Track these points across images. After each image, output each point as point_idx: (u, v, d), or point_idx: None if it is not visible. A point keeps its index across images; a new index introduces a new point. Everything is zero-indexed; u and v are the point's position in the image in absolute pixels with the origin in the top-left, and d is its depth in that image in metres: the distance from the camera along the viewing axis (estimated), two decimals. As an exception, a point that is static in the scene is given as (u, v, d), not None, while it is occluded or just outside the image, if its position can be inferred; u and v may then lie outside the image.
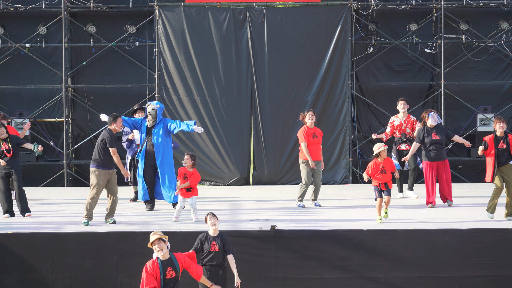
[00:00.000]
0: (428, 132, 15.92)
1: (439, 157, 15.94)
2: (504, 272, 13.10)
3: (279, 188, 19.57)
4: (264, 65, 20.34)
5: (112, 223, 14.11)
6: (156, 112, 15.79)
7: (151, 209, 15.83)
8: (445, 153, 16.12)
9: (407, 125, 17.00)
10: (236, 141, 20.38)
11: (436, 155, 15.91)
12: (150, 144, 15.75)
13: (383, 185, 14.08)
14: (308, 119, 16.23)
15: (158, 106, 15.90)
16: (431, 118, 15.98)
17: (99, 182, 14.15)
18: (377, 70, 21.45)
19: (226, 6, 20.36)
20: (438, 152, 15.93)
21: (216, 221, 11.97)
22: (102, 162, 14.19)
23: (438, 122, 16.04)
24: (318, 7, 20.48)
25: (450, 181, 16.01)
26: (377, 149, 14.18)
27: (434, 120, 15.99)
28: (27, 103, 21.23)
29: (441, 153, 15.98)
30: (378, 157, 14.14)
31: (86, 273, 13.03)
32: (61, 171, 20.76)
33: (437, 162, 15.92)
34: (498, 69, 21.48)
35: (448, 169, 16.03)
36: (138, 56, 21.12)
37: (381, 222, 13.92)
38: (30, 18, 21.07)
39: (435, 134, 15.92)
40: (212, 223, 11.95)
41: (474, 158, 20.89)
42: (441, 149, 15.98)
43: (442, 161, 15.96)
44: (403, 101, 17.27)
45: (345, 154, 20.40)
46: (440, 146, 15.95)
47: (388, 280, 13.06)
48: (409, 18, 21.00)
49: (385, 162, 14.11)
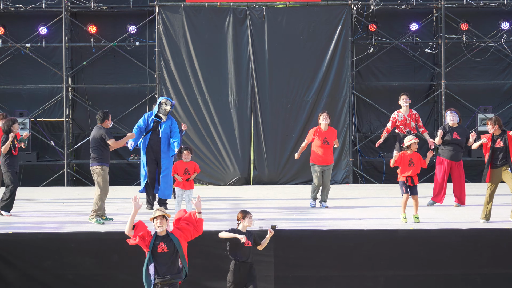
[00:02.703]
0: (449, 130, 15.94)
1: (455, 157, 15.95)
2: (503, 270, 13.11)
3: (279, 188, 19.59)
4: (265, 65, 20.35)
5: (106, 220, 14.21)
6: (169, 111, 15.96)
7: (151, 209, 15.84)
8: (461, 155, 16.09)
9: (411, 119, 16.91)
10: (236, 141, 20.39)
11: (453, 155, 15.94)
12: (156, 139, 15.76)
13: (410, 179, 14.04)
14: (322, 121, 15.95)
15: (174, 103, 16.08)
16: (448, 117, 16.05)
17: (107, 178, 14.23)
18: (378, 70, 21.47)
19: (226, 6, 20.37)
20: (455, 152, 15.94)
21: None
22: (105, 158, 14.28)
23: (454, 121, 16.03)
24: (318, 7, 20.49)
25: (463, 182, 16.01)
26: (408, 141, 14.16)
27: (451, 119, 16.02)
28: (28, 103, 21.24)
29: (458, 154, 15.98)
30: (407, 150, 14.13)
31: (87, 270, 13.06)
32: (61, 171, 20.77)
33: (451, 162, 15.94)
34: (499, 69, 21.49)
35: (462, 171, 16.03)
36: (138, 56, 21.14)
37: (406, 222, 13.89)
38: (30, 18, 21.08)
39: (456, 134, 15.93)
40: (250, 221, 11.86)
41: (475, 158, 20.90)
42: (459, 151, 15.98)
43: (457, 162, 15.99)
44: (405, 96, 17.13)
45: (345, 154, 20.40)
46: (459, 148, 15.95)
47: (387, 279, 13.08)
48: (409, 18, 21.01)
49: (413, 155, 14.09)
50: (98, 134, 14.32)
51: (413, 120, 16.76)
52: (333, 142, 15.99)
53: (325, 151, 15.96)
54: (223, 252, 13.03)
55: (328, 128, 16.02)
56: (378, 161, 21.21)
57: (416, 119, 16.76)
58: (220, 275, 13.04)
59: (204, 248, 12.96)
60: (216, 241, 13.04)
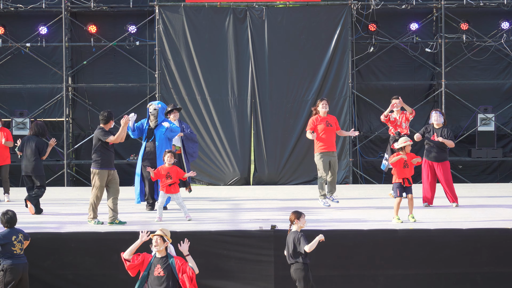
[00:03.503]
0: (431, 131, 15.88)
1: (438, 158, 15.86)
2: (503, 269, 13.11)
3: (279, 188, 19.58)
4: (265, 65, 20.35)
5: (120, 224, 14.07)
6: (157, 112, 15.76)
7: (151, 209, 15.83)
8: (446, 155, 16.02)
9: (402, 121, 16.88)
10: (236, 141, 20.39)
11: (435, 156, 15.85)
12: (152, 145, 15.70)
13: (406, 181, 14.03)
14: (321, 108, 15.77)
15: (159, 106, 15.85)
16: (432, 117, 15.97)
17: (102, 183, 14.08)
18: (378, 69, 21.47)
19: (226, 6, 20.38)
20: (436, 154, 15.86)
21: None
22: (103, 163, 14.09)
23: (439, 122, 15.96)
24: (318, 7, 20.48)
25: (450, 182, 15.93)
26: (402, 142, 14.15)
27: (435, 120, 15.94)
28: (28, 103, 21.24)
29: (441, 154, 15.89)
30: (401, 151, 14.11)
31: (87, 270, 13.05)
32: (61, 171, 20.77)
33: (435, 163, 15.86)
34: (499, 69, 21.49)
35: (448, 171, 15.92)
36: (138, 56, 21.14)
37: (402, 222, 13.88)
38: (30, 17, 21.09)
39: (435, 136, 15.81)
40: (304, 222, 11.89)
41: (474, 158, 20.91)
42: (440, 152, 15.88)
43: (441, 163, 15.88)
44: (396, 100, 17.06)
45: (345, 154, 20.40)
46: (439, 149, 15.86)
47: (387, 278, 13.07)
48: (409, 18, 21.00)
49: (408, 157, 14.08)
50: (96, 136, 14.15)
51: (405, 121, 16.77)
52: (334, 125, 15.74)
53: (329, 136, 15.66)
54: (223, 252, 13.06)
55: (327, 115, 15.85)
56: (378, 161, 21.16)
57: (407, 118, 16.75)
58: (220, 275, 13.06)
59: (204, 248, 12.96)
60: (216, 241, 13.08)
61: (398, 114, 16.76)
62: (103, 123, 14.23)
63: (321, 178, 15.68)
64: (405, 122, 16.73)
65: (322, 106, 15.84)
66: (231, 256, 13.07)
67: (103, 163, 14.05)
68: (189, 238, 12.62)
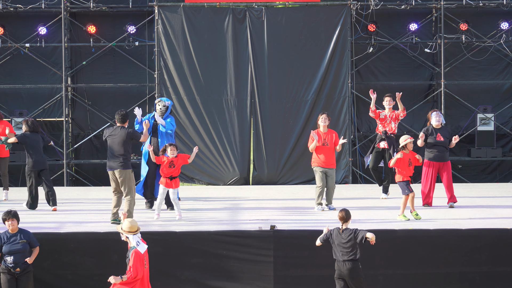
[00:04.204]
0: (433, 132, 15.88)
1: (443, 158, 15.88)
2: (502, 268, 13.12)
3: (279, 188, 19.58)
4: (264, 65, 20.35)
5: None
6: (166, 109, 15.87)
7: (150, 208, 15.85)
8: (447, 155, 16.04)
9: (391, 120, 16.87)
10: (236, 141, 20.38)
11: (438, 156, 15.87)
12: (155, 142, 15.77)
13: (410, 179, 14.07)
14: (320, 122, 15.75)
15: (169, 102, 15.99)
16: (433, 118, 15.96)
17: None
18: (377, 69, 21.47)
19: (226, 6, 20.37)
20: (440, 153, 15.88)
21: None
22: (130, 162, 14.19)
23: (441, 123, 15.97)
24: (317, 7, 20.49)
25: (451, 182, 15.95)
26: (403, 141, 14.16)
27: (437, 120, 15.94)
28: (27, 103, 21.24)
29: (443, 155, 15.91)
30: (404, 149, 14.10)
31: (87, 270, 13.06)
32: (60, 170, 20.76)
33: (440, 163, 15.88)
34: (498, 69, 21.50)
35: (449, 171, 15.97)
36: (138, 56, 21.14)
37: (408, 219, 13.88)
38: (30, 18, 21.08)
39: (440, 136, 15.86)
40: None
41: (474, 158, 20.91)
42: (444, 151, 15.91)
43: (443, 163, 15.91)
44: (389, 98, 17.05)
45: (345, 154, 20.40)
46: (444, 148, 15.88)
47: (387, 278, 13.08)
48: (408, 18, 21.00)
49: (411, 155, 14.08)
50: (128, 136, 13.92)
51: (394, 120, 16.76)
52: (332, 143, 15.69)
53: (325, 154, 15.64)
54: (222, 252, 13.06)
55: (327, 130, 15.84)
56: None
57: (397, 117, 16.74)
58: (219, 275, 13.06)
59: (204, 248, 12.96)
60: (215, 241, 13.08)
61: (389, 112, 16.77)
62: (120, 122, 14.13)
63: (317, 188, 15.74)
64: (394, 121, 16.75)
65: (321, 121, 15.77)
66: (231, 256, 13.07)
67: (130, 163, 14.13)
68: (188, 238, 12.67)
